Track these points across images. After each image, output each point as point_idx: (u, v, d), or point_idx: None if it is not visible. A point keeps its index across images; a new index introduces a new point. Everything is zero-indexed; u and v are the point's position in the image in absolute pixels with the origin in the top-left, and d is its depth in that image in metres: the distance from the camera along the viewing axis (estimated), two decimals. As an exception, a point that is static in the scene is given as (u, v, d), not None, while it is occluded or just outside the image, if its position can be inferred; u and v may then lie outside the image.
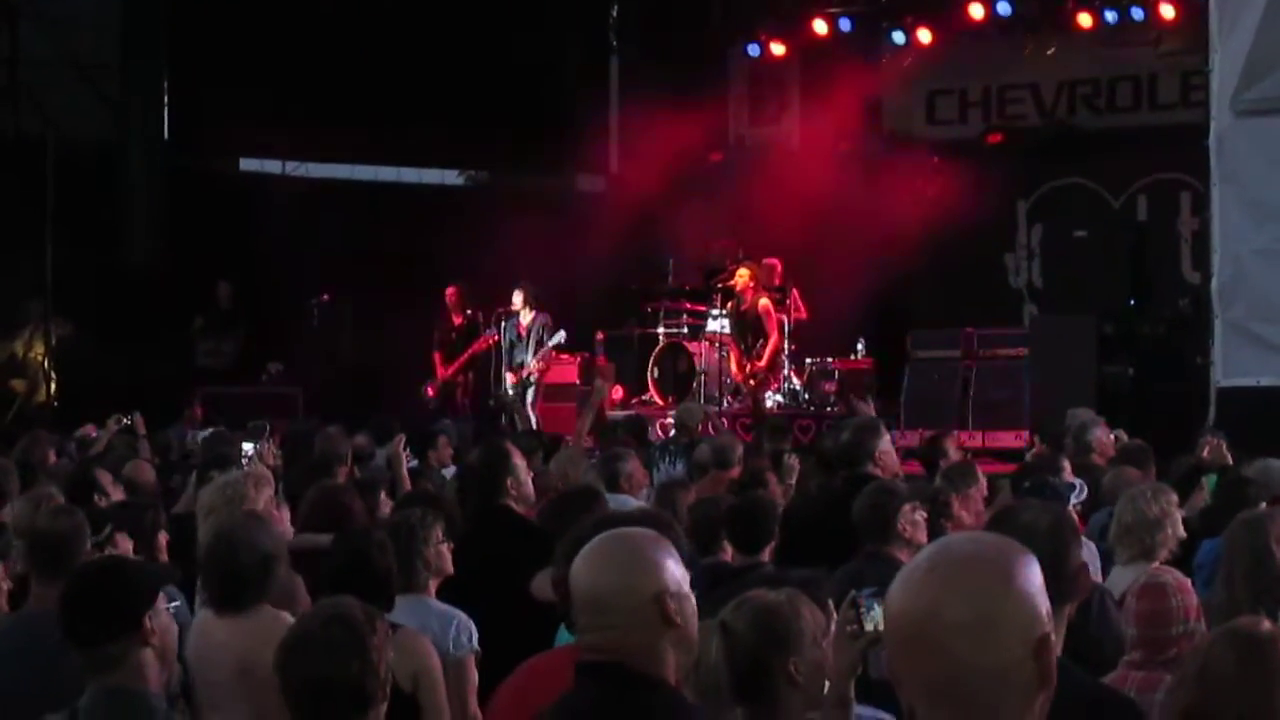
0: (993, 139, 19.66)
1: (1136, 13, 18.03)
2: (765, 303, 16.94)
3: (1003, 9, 18.48)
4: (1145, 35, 18.40)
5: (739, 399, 17.18)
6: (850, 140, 19.05)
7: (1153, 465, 9.06)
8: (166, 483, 9.81)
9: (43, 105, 16.98)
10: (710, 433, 12.84)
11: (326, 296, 17.95)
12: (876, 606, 3.65)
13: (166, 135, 18.65)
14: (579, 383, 17.45)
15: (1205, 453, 9.73)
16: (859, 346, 17.91)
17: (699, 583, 3.85)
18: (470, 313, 17.61)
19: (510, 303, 16.80)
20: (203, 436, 12.10)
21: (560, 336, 16.59)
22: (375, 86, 18.67)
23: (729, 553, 6.84)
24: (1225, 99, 14.16)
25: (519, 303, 16.73)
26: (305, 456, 10.12)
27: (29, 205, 16.41)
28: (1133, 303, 16.39)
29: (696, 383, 17.22)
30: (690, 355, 17.53)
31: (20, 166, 16.59)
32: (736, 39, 20.81)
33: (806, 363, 17.52)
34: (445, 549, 5.94)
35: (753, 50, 20.51)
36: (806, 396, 17.29)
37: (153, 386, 15.20)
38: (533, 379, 16.69)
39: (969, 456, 10.54)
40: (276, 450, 10.09)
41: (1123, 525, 6.61)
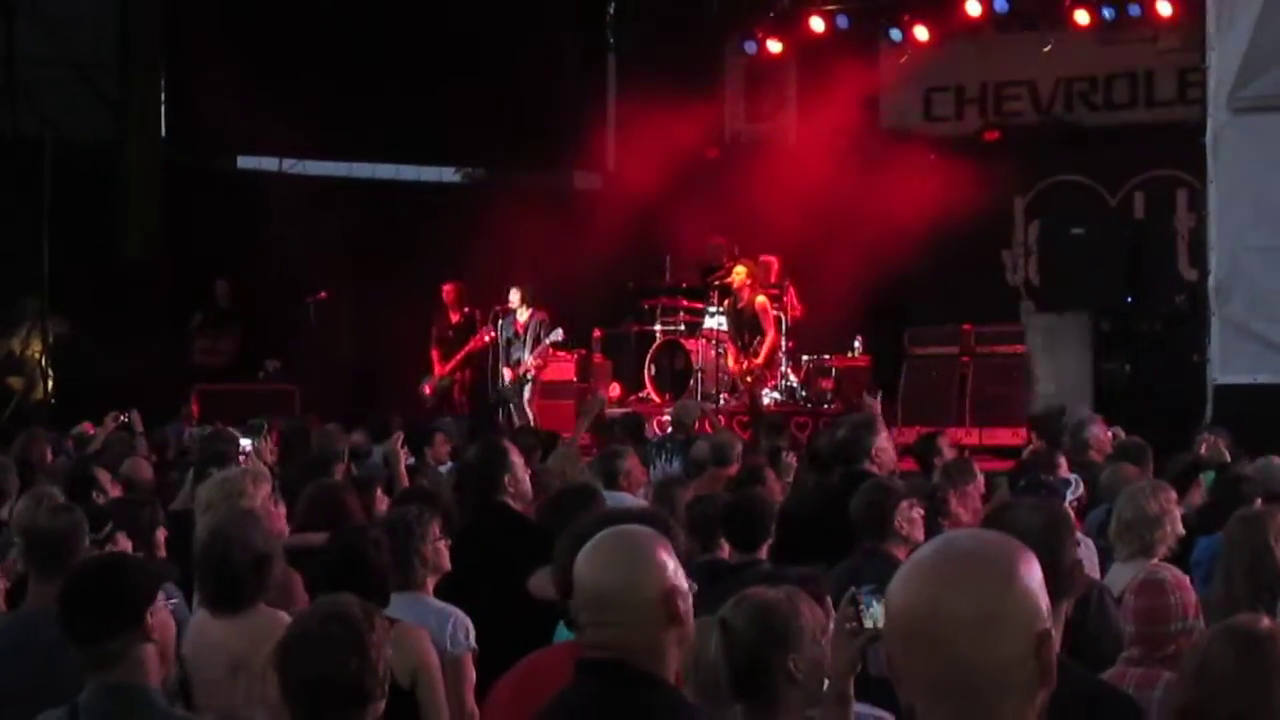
0: (990, 136, 19.64)
1: (1134, 10, 18.01)
2: (762, 300, 16.94)
3: (1000, 6, 18.44)
4: (1143, 32, 18.39)
5: (736, 396, 17.16)
6: (847, 137, 19.01)
7: (1150, 462, 9.05)
8: (164, 480, 9.81)
9: (40, 104, 16.94)
10: (707, 430, 12.82)
11: (324, 294, 17.91)
12: (876, 603, 3.66)
13: (164, 133, 18.65)
14: (576, 380, 17.46)
15: (1203, 450, 9.74)
16: (856, 343, 17.92)
17: (697, 580, 3.85)
18: (467, 310, 17.59)
19: (507, 302, 16.81)
20: (200, 434, 12.10)
21: (558, 334, 16.58)
22: (373, 84, 18.67)
23: (726, 550, 6.84)
24: (1222, 96, 14.17)
25: (516, 302, 16.72)
26: (302, 453, 10.11)
27: (26, 203, 16.39)
28: (1130, 300, 16.37)
29: (693, 380, 17.22)
30: (687, 352, 17.54)
31: (18, 165, 16.57)
32: (734, 36, 20.78)
33: (804, 360, 17.52)
34: (443, 546, 5.93)
35: (750, 47, 20.47)
36: (803, 394, 17.29)
37: (150, 384, 15.17)
38: (530, 376, 16.69)
39: (967, 454, 10.54)
40: (274, 447, 10.10)
41: (1122, 522, 6.61)
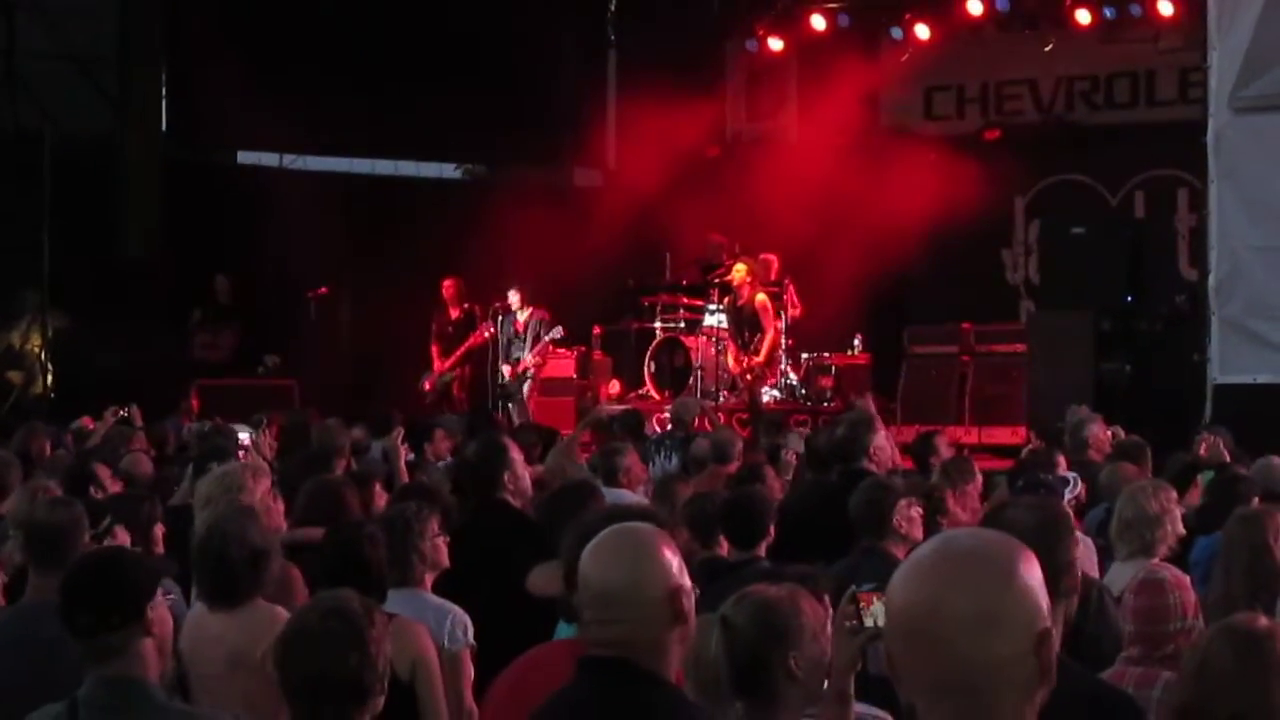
0: (990, 135, 19.63)
1: (1135, 9, 17.99)
2: (762, 298, 16.94)
3: (1001, 5, 18.41)
4: (1144, 32, 18.37)
5: (735, 394, 17.16)
6: (848, 136, 19.00)
7: (1149, 461, 9.06)
8: (163, 475, 9.80)
9: (40, 98, 16.91)
10: (706, 427, 12.82)
11: (324, 289, 17.91)
12: (876, 601, 3.65)
13: (164, 128, 18.63)
14: (575, 377, 17.46)
15: (1202, 450, 9.74)
16: (855, 342, 17.92)
17: (696, 578, 3.85)
18: (467, 306, 17.59)
19: (506, 301, 16.81)
20: (199, 429, 12.09)
21: (557, 332, 16.59)
22: (373, 80, 18.65)
23: (725, 548, 6.84)
24: (1223, 96, 14.17)
25: (516, 302, 16.74)
26: (301, 448, 10.10)
27: (26, 198, 16.37)
28: (1130, 299, 16.36)
29: (693, 377, 17.20)
30: (687, 350, 17.52)
31: (17, 160, 16.54)
32: (734, 34, 20.76)
33: (803, 358, 17.52)
34: (441, 542, 5.93)
35: (751, 45, 20.44)
36: (803, 391, 17.29)
37: (149, 379, 15.18)
38: (529, 373, 16.69)
39: (965, 452, 10.54)
40: (273, 441, 10.09)
41: (1123, 521, 6.61)
